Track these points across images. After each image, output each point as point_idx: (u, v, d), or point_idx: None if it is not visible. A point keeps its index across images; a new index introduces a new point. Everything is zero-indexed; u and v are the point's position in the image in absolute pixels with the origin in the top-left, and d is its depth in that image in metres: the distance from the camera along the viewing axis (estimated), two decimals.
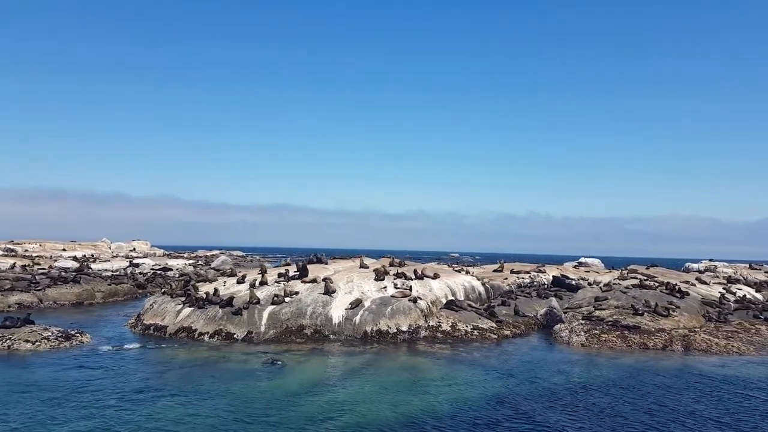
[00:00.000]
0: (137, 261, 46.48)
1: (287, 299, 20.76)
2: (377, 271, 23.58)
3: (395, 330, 19.46)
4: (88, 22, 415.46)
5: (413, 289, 21.93)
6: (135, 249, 67.83)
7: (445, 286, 24.14)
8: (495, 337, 20.30)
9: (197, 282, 25.82)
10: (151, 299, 23.21)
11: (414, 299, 20.99)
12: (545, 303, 24.92)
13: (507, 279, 31.36)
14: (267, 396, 11.95)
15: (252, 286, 22.25)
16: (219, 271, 37.23)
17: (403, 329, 19.54)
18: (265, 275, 23.61)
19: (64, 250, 59.00)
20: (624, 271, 32.68)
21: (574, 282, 31.13)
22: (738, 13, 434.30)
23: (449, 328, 20.39)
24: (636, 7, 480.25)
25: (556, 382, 13.97)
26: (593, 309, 22.80)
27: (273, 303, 20.42)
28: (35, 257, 49.96)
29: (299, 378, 13.74)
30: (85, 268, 39.45)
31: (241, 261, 70.76)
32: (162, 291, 25.19)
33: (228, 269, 31.68)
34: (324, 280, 22.01)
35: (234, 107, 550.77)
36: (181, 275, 39.55)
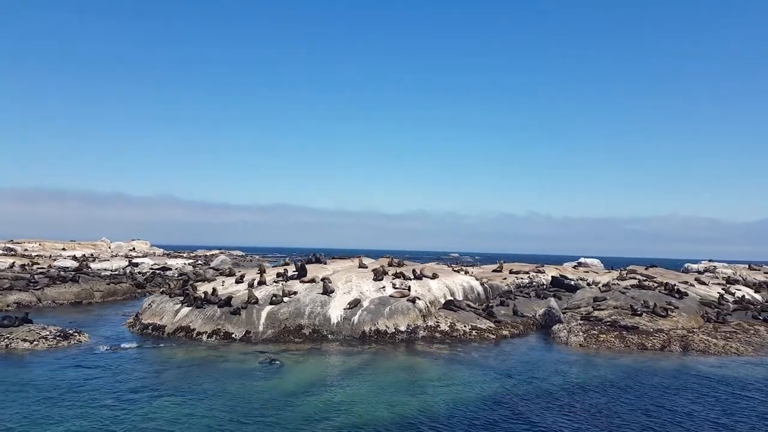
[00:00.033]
0: (136, 260, 46.49)
1: (286, 299, 20.75)
2: (376, 271, 23.57)
3: (393, 330, 19.45)
4: (88, 22, 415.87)
5: (412, 289, 21.92)
6: (134, 249, 67.86)
7: (444, 286, 24.13)
8: (493, 338, 20.29)
9: (196, 281, 25.82)
10: (150, 299, 23.21)
11: (412, 299, 20.98)
12: (544, 303, 24.91)
13: (506, 279, 31.36)
14: (264, 396, 11.94)
15: (250, 285, 22.25)
16: (218, 271, 37.22)
17: (402, 329, 19.52)
18: (264, 275, 23.60)
19: (63, 249, 59.00)
20: (623, 272, 32.66)
21: (573, 282, 31.13)
22: (738, 13, 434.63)
23: (447, 328, 20.38)
24: (636, 7, 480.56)
25: (553, 382, 13.96)
26: (592, 309, 22.79)
27: (271, 303, 20.42)
28: (34, 257, 49.94)
29: (297, 378, 13.73)
30: (84, 267, 39.44)
31: (241, 261, 70.69)
32: (160, 290, 25.20)
33: (227, 269, 31.65)
34: (323, 279, 22.00)
35: (234, 107, 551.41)
36: (180, 275, 39.53)
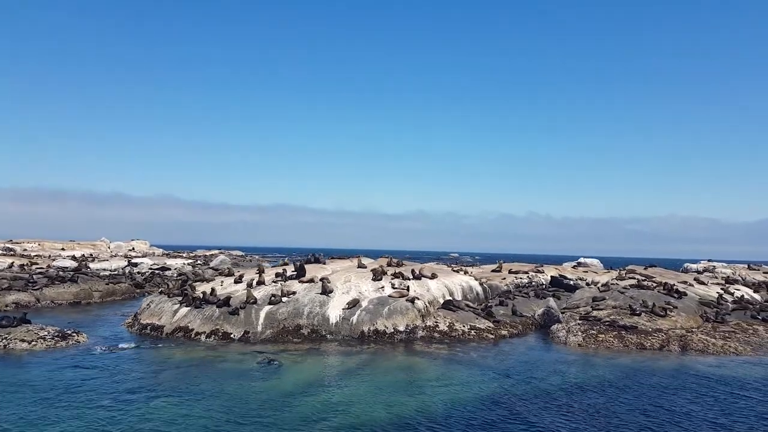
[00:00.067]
0: (136, 260, 46.45)
1: (284, 299, 20.73)
2: (375, 271, 23.54)
3: (392, 330, 19.43)
4: (88, 22, 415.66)
5: (411, 289, 21.89)
6: (134, 249, 67.83)
7: (443, 286, 24.11)
8: (492, 337, 20.27)
9: (194, 282, 25.78)
10: (148, 299, 23.19)
11: (411, 299, 20.96)
12: (543, 303, 24.89)
13: (505, 279, 31.34)
14: (262, 396, 11.92)
15: (249, 285, 22.22)
16: (217, 271, 37.19)
17: (400, 329, 19.51)
18: (263, 275, 23.58)
19: (63, 249, 58.96)
20: (622, 272, 32.63)
21: (572, 282, 31.09)
22: (738, 13, 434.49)
23: (446, 328, 20.36)
24: (636, 7, 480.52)
25: (552, 382, 13.94)
26: (591, 309, 22.78)
27: (270, 303, 20.40)
28: (34, 257, 49.92)
29: (295, 378, 13.71)
30: (83, 267, 39.42)
31: (241, 261, 70.62)
32: (159, 291, 25.17)
33: (225, 269, 31.62)
34: (321, 279, 21.97)
35: (234, 107, 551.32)
36: (179, 275, 39.49)
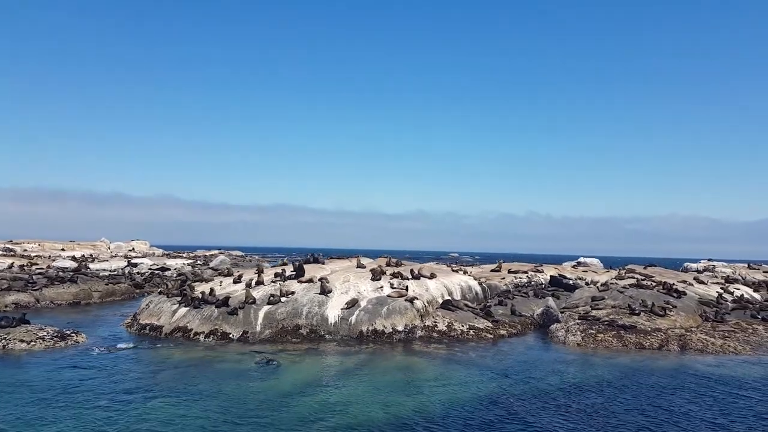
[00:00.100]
0: (135, 261, 46.44)
1: (283, 299, 20.72)
2: (374, 271, 23.53)
3: (391, 330, 19.42)
4: (88, 22, 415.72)
5: (409, 289, 21.88)
6: (134, 249, 67.84)
7: (442, 285, 24.09)
8: (491, 337, 20.26)
9: (193, 282, 25.78)
10: (148, 299, 23.19)
11: (410, 299, 20.95)
12: (542, 303, 24.87)
13: (504, 279, 31.33)
14: (259, 396, 11.90)
15: (248, 285, 22.21)
16: (217, 271, 37.20)
17: (399, 329, 19.49)
18: (262, 275, 23.57)
19: (63, 250, 58.98)
20: (621, 271, 32.62)
21: (571, 282, 31.07)
22: (738, 13, 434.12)
23: (445, 327, 20.35)
24: (636, 7, 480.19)
25: (550, 382, 13.92)
26: (590, 309, 22.77)
27: (269, 303, 20.39)
28: (34, 257, 49.94)
29: (293, 378, 13.70)
30: (83, 267, 39.43)
31: (241, 261, 70.58)
32: (158, 291, 25.16)
33: (225, 269, 31.63)
34: (320, 279, 21.96)
35: (234, 107, 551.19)
36: (179, 275, 39.50)
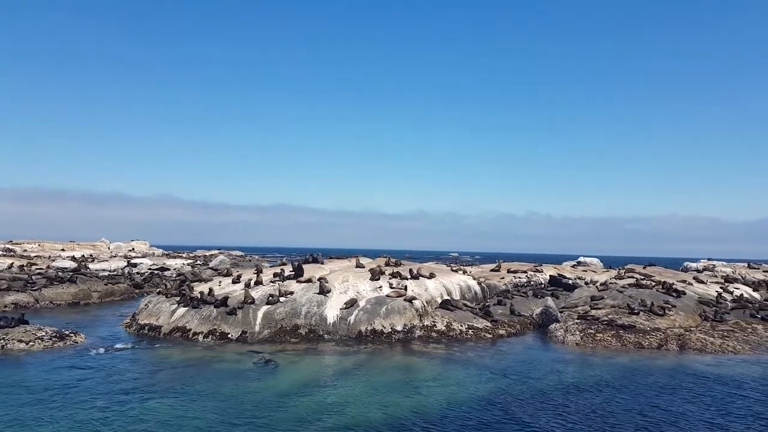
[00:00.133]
0: (135, 261, 46.46)
1: (282, 299, 20.71)
2: (373, 271, 23.52)
3: (390, 330, 19.41)
4: (88, 22, 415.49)
5: (408, 289, 21.87)
6: (134, 249, 67.83)
7: (441, 285, 24.08)
8: (490, 337, 20.25)
9: (192, 282, 25.78)
10: (146, 299, 23.20)
11: (409, 299, 20.94)
12: (541, 302, 24.85)
13: (503, 278, 31.32)
14: (257, 397, 11.89)
15: (247, 285, 22.20)
16: (216, 271, 37.19)
17: (398, 329, 19.48)
18: (261, 275, 23.55)
19: (62, 250, 58.96)
20: (621, 270, 32.60)
21: (570, 281, 31.05)
22: (738, 13, 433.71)
23: (444, 327, 20.34)
24: (636, 7, 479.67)
25: (548, 382, 13.91)
26: (589, 308, 22.77)
27: (268, 303, 20.39)
28: (33, 257, 49.94)
29: (291, 378, 13.69)
30: (83, 268, 39.44)
31: (240, 261, 70.52)
32: (157, 291, 25.15)
33: (224, 269, 31.63)
34: (319, 279, 21.95)
35: (234, 107, 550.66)
36: (178, 275, 39.50)
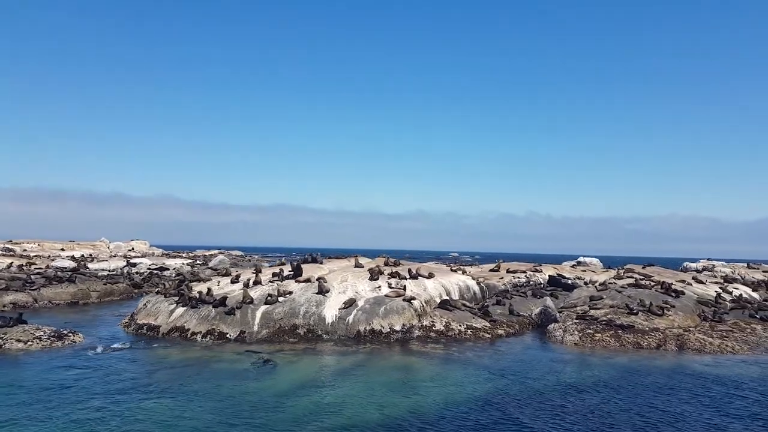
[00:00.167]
0: (134, 261, 46.47)
1: (281, 299, 20.69)
2: (372, 271, 23.51)
3: (388, 329, 19.39)
4: (88, 22, 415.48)
5: (407, 289, 21.86)
6: (133, 249, 67.86)
7: (440, 285, 24.06)
8: (489, 337, 20.23)
9: (191, 282, 25.76)
10: (145, 299, 23.17)
11: (408, 299, 20.92)
12: (540, 302, 24.84)
13: (503, 278, 31.29)
14: (254, 397, 11.86)
15: (246, 285, 22.18)
16: (216, 271, 37.18)
17: (397, 329, 19.47)
18: (259, 275, 23.53)
19: (62, 249, 58.98)
20: (620, 270, 32.59)
21: (570, 281, 31.01)
22: (738, 13, 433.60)
23: (443, 327, 20.32)
24: (636, 7, 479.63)
25: (546, 382, 13.88)
26: (588, 308, 22.75)
27: (266, 303, 20.37)
28: (33, 257, 49.93)
29: (289, 378, 13.67)
30: (82, 267, 39.43)
31: (240, 261, 70.58)
32: (156, 291, 25.13)
33: (222, 269, 31.61)
34: (318, 279, 21.94)
35: (234, 107, 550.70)
36: (177, 275, 39.50)
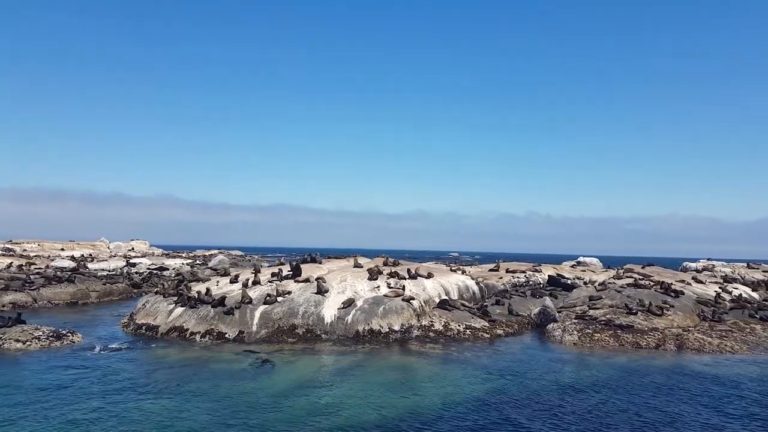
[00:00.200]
0: (134, 261, 46.48)
1: (280, 299, 20.69)
2: (371, 271, 23.50)
3: (387, 329, 19.38)
4: (88, 22, 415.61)
5: (406, 289, 21.85)
6: (133, 249, 67.89)
7: (439, 285, 24.05)
8: (487, 337, 20.22)
9: (190, 282, 25.76)
10: (144, 299, 23.18)
11: (407, 299, 20.91)
12: (539, 302, 24.82)
13: (502, 278, 31.29)
14: (252, 398, 11.84)
15: (245, 285, 22.17)
16: (215, 271, 37.17)
17: (396, 329, 19.46)
18: (258, 275, 23.52)
19: (62, 249, 59.02)
20: (620, 270, 32.58)
21: (569, 281, 31.00)
22: (738, 13, 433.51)
23: (442, 327, 20.31)
24: (636, 7, 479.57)
25: (545, 382, 13.87)
26: (587, 308, 22.73)
27: (265, 302, 20.36)
28: (33, 257, 49.95)
29: (287, 379, 13.66)
30: (82, 267, 39.44)
31: (240, 261, 70.61)
32: (155, 291, 25.13)
33: (222, 269, 31.61)
34: (317, 279, 21.94)
35: (234, 107, 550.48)
36: (177, 275, 39.50)
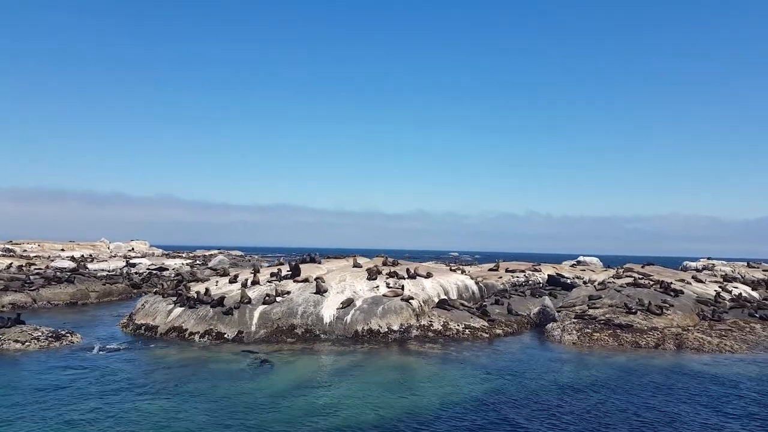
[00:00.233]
0: (134, 261, 46.46)
1: (279, 299, 20.68)
2: (370, 271, 23.48)
3: (386, 329, 19.37)
4: (88, 22, 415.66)
5: (405, 289, 21.84)
6: (133, 249, 67.84)
7: (438, 285, 24.03)
8: (487, 336, 20.21)
9: (189, 282, 25.75)
10: (143, 299, 23.17)
11: (406, 298, 20.90)
12: (539, 302, 24.82)
13: (501, 278, 31.27)
14: (250, 398, 11.82)
15: (244, 285, 22.16)
16: (215, 271, 37.16)
17: (395, 328, 19.45)
18: (257, 275, 23.51)
19: (62, 250, 58.98)
20: (619, 270, 32.55)
21: (569, 281, 30.99)
22: (738, 13, 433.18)
23: (441, 327, 20.30)
24: (636, 7, 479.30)
25: (544, 382, 13.86)
26: (587, 308, 22.72)
27: (264, 302, 20.35)
28: (33, 257, 49.94)
29: (286, 379, 13.65)
30: (81, 268, 39.44)
31: (240, 261, 70.60)
32: (154, 291, 25.12)
33: (221, 269, 31.61)
34: (316, 279, 21.92)
35: (234, 107, 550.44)
36: (176, 275, 39.49)
